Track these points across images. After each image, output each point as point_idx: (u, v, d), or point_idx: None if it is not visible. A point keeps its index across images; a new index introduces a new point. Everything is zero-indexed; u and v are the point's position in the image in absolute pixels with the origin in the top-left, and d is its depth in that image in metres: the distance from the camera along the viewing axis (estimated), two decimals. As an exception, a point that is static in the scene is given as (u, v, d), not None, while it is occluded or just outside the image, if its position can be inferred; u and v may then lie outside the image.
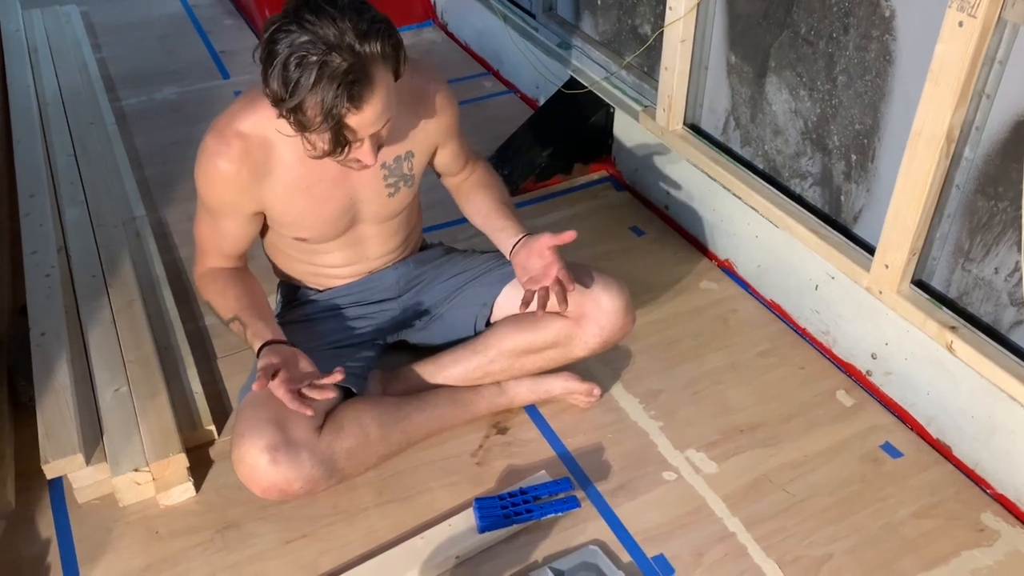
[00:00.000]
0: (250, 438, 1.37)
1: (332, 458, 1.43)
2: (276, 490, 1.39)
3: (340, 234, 1.54)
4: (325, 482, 1.44)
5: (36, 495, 1.54)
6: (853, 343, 1.78)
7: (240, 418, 1.42)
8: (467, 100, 2.83)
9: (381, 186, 1.51)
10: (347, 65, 1.17)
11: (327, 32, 1.16)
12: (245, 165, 1.38)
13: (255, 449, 1.36)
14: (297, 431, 1.39)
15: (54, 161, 2.29)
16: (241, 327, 1.46)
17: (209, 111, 2.73)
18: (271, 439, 1.36)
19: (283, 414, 1.39)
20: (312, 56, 1.16)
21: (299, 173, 1.42)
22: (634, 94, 2.26)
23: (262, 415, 1.39)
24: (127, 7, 3.48)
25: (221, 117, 1.40)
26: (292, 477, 1.38)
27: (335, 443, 1.44)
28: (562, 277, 1.50)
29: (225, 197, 1.43)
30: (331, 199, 1.47)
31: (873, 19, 1.57)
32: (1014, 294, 1.47)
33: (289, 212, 1.46)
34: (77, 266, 1.91)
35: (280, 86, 1.19)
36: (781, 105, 1.85)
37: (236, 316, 1.47)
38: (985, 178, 1.46)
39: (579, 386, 1.66)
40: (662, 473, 1.59)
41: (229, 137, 1.37)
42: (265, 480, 1.37)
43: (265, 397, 1.41)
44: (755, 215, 1.93)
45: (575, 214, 2.29)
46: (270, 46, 1.19)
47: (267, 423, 1.38)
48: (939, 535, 1.48)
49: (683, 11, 1.93)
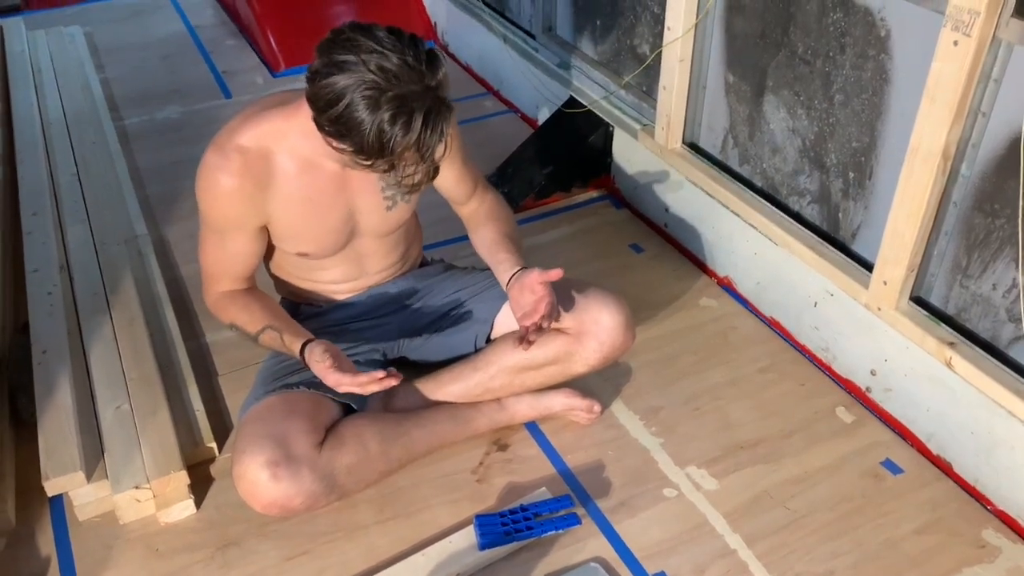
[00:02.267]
0: (251, 454, 1.37)
1: (332, 474, 1.43)
2: (277, 506, 1.39)
3: (340, 247, 1.55)
4: (325, 498, 1.44)
5: (37, 512, 1.53)
6: (852, 360, 1.78)
7: (240, 434, 1.43)
8: (468, 119, 2.85)
9: (379, 199, 1.52)
10: (429, 103, 1.19)
11: (403, 72, 1.17)
12: (247, 178, 1.39)
13: (256, 465, 1.36)
14: (298, 447, 1.39)
15: (57, 180, 2.31)
16: (275, 334, 1.46)
17: (211, 131, 2.69)
18: (271, 455, 1.37)
19: (283, 430, 1.40)
20: (398, 104, 1.17)
21: (300, 183, 1.43)
22: (633, 113, 2.28)
23: (262, 431, 1.39)
24: (130, 28, 3.51)
25: (220, 134, 1.42)
26: (293, 493, 1.38)
27: (335, 459, 1.44)
28: (546, 313, 1.48)
29: (230, 212, 1.43)
30: (332, 210, 1.48)
31: (869, 39, 1.58)
32: (1012, 310, 1.47)
33: (291, 225, 1.47)
34: (79, 284, 1.92)
35: (375, 141, 1.19)
36: (779, 123, 1.86)
37: (268, 325, 1.47)
38: (982, 195, 1.47)
39: (580, 402, 1.67)
40: (663, 490, 1.59)
41: (229, 151, 1.38)
42: (266, 496, 1.37)
43: (266, 412, 1.42)
44: (754, 232, 1.94)
45: (575, 232, 2.30)
46: (334, 92, 1.18)
47: (267, 439, 1.38)
48: (940, 551, 1.48)
49: (681, 31, 1.95)
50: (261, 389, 1.51)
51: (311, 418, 1.45)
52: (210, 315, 1.93)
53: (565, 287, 1.60)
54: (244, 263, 1.51)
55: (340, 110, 1.19)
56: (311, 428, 1.43)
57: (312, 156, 1.41)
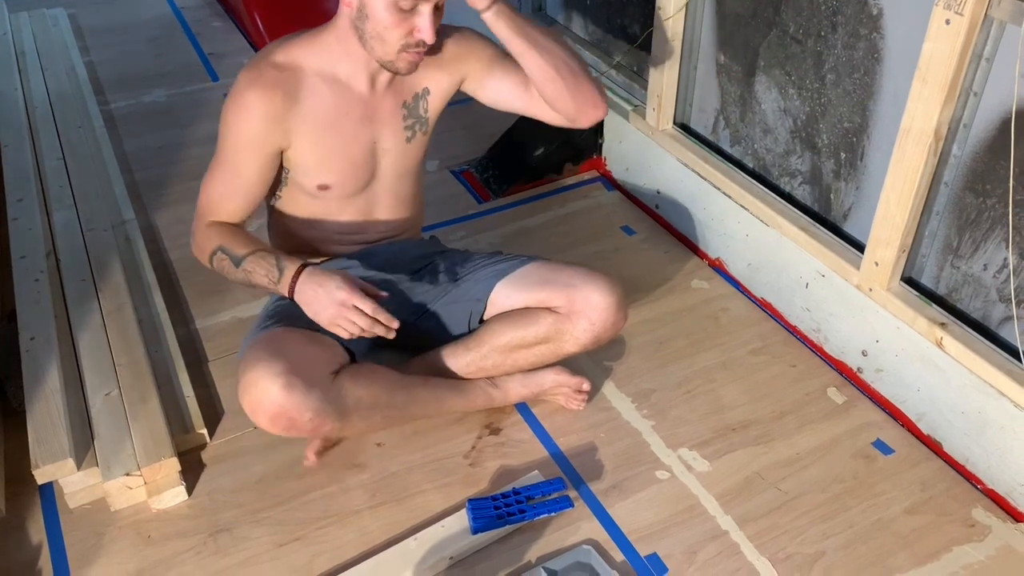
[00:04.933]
0: (265, 363, 1.36)
1: (343, 401, 1.44)
2: (285, 418, 1.37)
3: (360, 187, 1.57)
4: (332, 423, 1.44)
5: (27, 501, 1.53)
6: (844, 340, 1.78)
7: (250, 351, 1.42)
8: (457, 101, 2.81)
9: (400, 127, 1.56)
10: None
11: None
12: (278, 90, 1.43)
13: (269, 374, 1.35)
14: (313, 370, 1.41)
15: (42, 165, 2.28)
16: (266, 255, 1.45)
17: (198, 114, 2.72)
18: (286, 366, 1.37)
19: (299, 353, 1.41)
20: None
21: (329, 104, 1.47)
22: (624, 94, 2.27)
23: (277, 349, 1.40)
24: (115, 10, 3.46)
25: (254, 58, 1.48)
26: (304, 406, 1.37)
27: (347, 389, 1.45)
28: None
29: (254, 128, 1.44)
30: (356, 139, 1.52)
31: (861, 17, 1.57)
32: (1003, 290, 1.48)
33: (316, 150, 1.49)
34: (66, 270, 1.90)
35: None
36: (770, 104, 1.85)
37: (254, 250, 1.46)
38: (973, 175, 1.46)
39: (569, 379, 1.67)
40: (655, 472, 1.60)
41: (263, 67, 1.44)
42: (275, 405, 1.36)
43: (279, 339, 1.43)
44: (745, 214, 1.93)
45: (566, 214, 2.29)
46: None
47: (282, 355, 1.39)
48: (931, 531, 1.49)
49: (672, 10, 1.94)
50: (268, 322, 1.52)
51: (324, 351, 1.47)
52: (199, 300, 1.95)
53: (557, 267, 1.62)
54: (247, 196, 1.51)
55: None
56: (326, 359, 1.45)
57: (344, 77, 1.47)
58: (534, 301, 1.61)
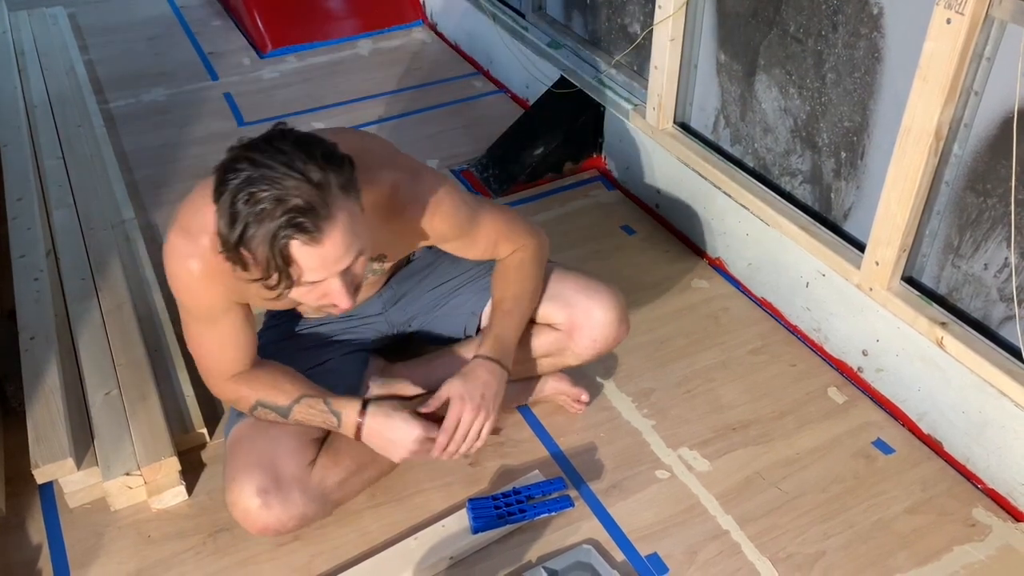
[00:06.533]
0: (240, 482, 1.35)
1: (324, 492, 1.42)
2: (271, 531, 1.38)
3: None
4: (318, 515, 1.43)
5: (27, 500, 1.53)
6: (844, 340, 1.78)
7: (229, 459, 1.39)
8: (457, 100, 2.82)
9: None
10: (302, 200, 1.05)
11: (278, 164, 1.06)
12: (218, 258, 1.18)
13: (246, 493, 1.35)
14: (287, 468, 1.37)
15: (42, 164, 2.28)
16: (308, 409, 1.37)
17: (197, 112, 2.72)
18: (260, 482, 1.34)
19: (271, 453, 1.37)
20: (263, 191, 1.04)
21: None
22: (624, 93, 2.26)
23: (251, 457, 1.37)
24: (114, 9, 3.46)
25: (183, 212, 1.28)
26: (285, 518, 1.37)
27: (328, 476, 1.42)
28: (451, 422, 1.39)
29: (211, 297, 1.30)
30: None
31: (861, 16, 1.57)
32: (1003, 290, 1.47)
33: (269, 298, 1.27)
34: (66, 269, 1.90)
35: (227, 226, 1.07)
36: (771, 103, 1.85)
37: (297, 397, 1.37)
38: (974, 175, 1.46)
39: (570, 389, 1.66)
40: (655, 472, 1.59)
41: (196, 233, 1.24)
42: (258, 523, 1.36)
43: (253, 434, 1.38)
44: (746, 213, 1.93)
45: (566, 213, 2.29)
46: (220, 188, 1.08)
47: (256, 466, 1.35)
48: (931, 530, 1.49)
49: (672, 9, 1.94)
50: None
51: (299, 435, 1.40)
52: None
53: (557, 278, 1.56)
54: (245, 343, 1.37)
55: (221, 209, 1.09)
56: (299, 446, 1.39)
57: None
58: (534, 316, 1.55)
